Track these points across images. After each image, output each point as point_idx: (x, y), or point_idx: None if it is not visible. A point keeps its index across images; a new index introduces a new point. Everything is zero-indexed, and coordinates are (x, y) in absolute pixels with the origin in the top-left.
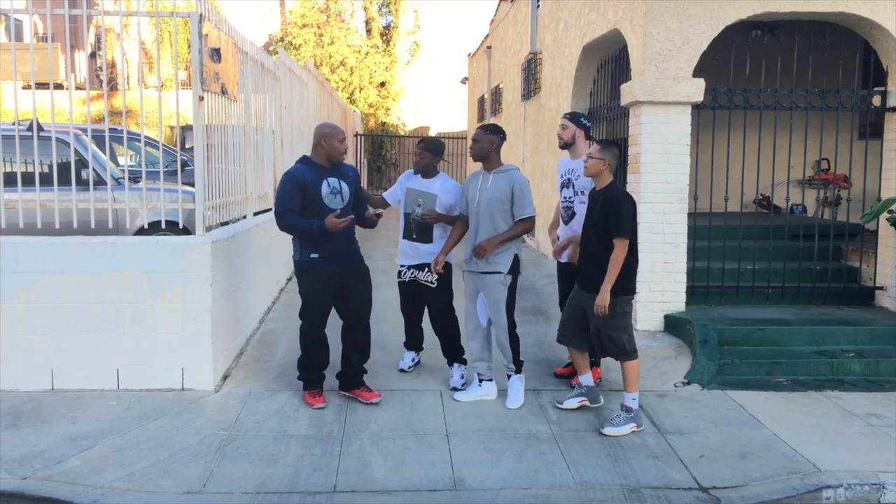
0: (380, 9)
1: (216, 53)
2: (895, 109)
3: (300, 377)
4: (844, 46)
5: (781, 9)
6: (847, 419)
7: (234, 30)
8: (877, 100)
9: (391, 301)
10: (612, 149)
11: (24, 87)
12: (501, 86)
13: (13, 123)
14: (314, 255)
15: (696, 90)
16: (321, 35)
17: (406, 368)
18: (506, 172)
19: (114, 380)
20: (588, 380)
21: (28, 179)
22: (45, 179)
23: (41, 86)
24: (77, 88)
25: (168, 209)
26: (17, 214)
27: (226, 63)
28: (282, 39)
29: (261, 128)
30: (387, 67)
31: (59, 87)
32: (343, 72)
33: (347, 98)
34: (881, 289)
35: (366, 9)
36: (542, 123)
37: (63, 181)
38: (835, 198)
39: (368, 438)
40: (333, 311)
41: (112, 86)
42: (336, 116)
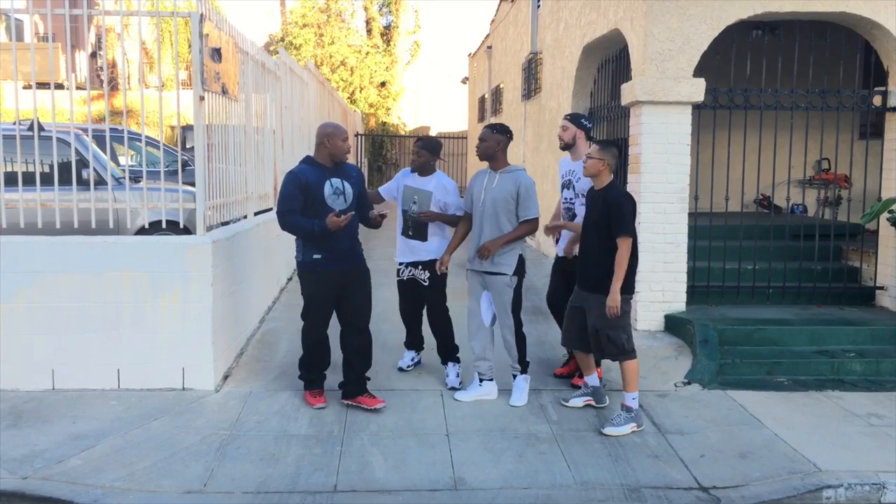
0: (380, 9)
1: (217, 53)
2: (895, 109)
3: (301, 376)
4: (845, 46)
5: (782, 9)
6: (848, 419)
7: (235, 29)
8: (877, 100)
9: (391, 301)
10: (611, 149)
11: (25, 87)
12: (502, 86)
13: (14, 123)
14: (317, 256)
15: (697, 90)
16: (322, 35)
17: (405, 367)
18: (512, 173)
19: (114, 379)
20: (594, 380)
21: (29, 179)
22: (46, 179)
23: (42, 85)
24: (78, 88)
25: (169, 209)
26: (18, 214)
27: (226, 63)
28: (282, 39)
29: (261, 128)
30: (387, 67)
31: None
32: (343, 72)
33: (348, 98)
34: (882, 289)
35: (366, 9)
36: (543, 123)
37: (64, 181)
38: (835, 198)
39: (369, 438)
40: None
41: (113, 86)
42: (336, 116)
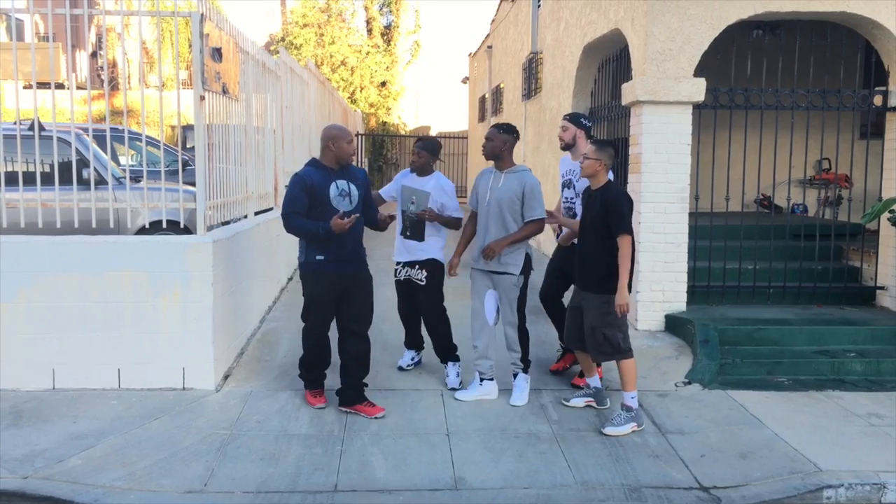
0: (381, 8)
1: (217, 53)
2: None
3: (301, 375)
4: (845, 46)
5: (782, 8)
6: (848, 419)
7: (236, 29)
8: (878, 99)
9: (392, 300)
10: (608, 149)
11: (26, 87)
12: (502, 85)
13: (14, 123)
14: (320, 257)
15: (698, 90)
16: (322, 35)
17: (405, 366)
18: (518, 173)
19: (115, 379)
20: (596, 381)
21: (29, 179)
22: (47, 179)
23: (42, 85)
24: (78, 88)
25: (169, 209)
26: (19, 214)
27: (227, 62)
28: (283, 39)
29: (262, 127)
30: (388, 67)
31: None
32: (344, 71)
33: (348, 98)
34: (882, 288)
35: (367, 8)
36: (543, 123)
37: (64, 181)
38: (836, 197)
39: (369, 438)
40: None
41: (113, 85)
42: (337, 116)
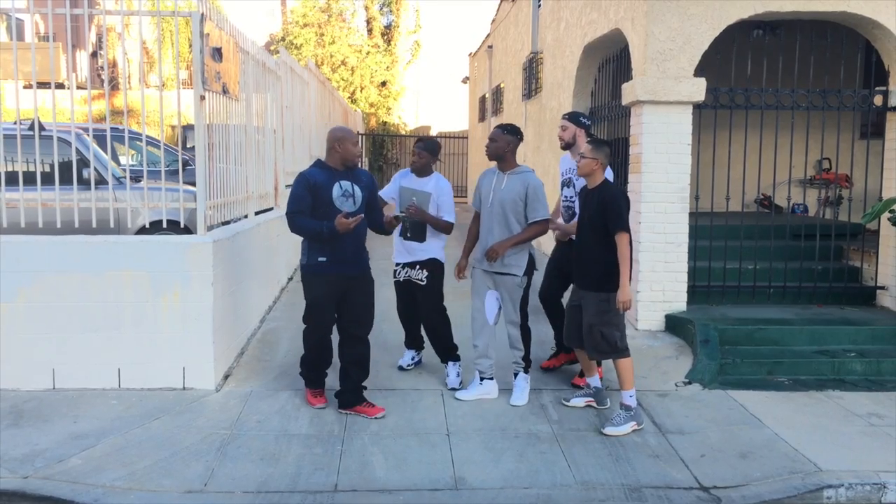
0: (381, 8)
1: (217, 53)
2: None
3: (302, 374)
4: (846, 46)
5: (783, 8)
6: (848, 419)
7: (236, 29)
8: (878, 99)
9: (392, 300)
10: (604, 148)
11: (26, 87)
12: (502, 85)
13: (15, 123)
14: (322, 259)
15: (698, 90)
16: (322, 34)
17: (405, 366)
18: (521, 174)
19: (115, 379)
20: (596, 381)
21: (30, 179)
22: (47, 179)
23: (42, 85)
24: (78, 88)
25: (169, 208)
26: (19, 214)
27: (227, 62)
28: (283, 39)
29: (262, 127)
30: (388, 67)
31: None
32: (344, 71)
33: (348, 97)
34: (882, 288)
35: (367, 8)
36: (544, 123)
37: (64, 180)
38: (836, 197)
39: (369, 438)
40: None
41: (113, 85)
42: (337, 116)
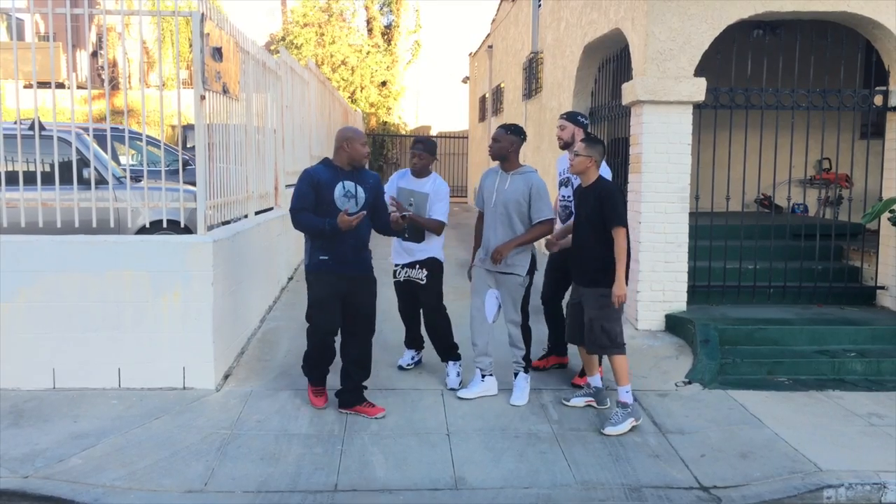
0: (381, 8)
1: (218, 52)
2: None
3: (304, 370)
4: (846, 46)
5: (783, 8)
6: (848, 419)
7: (236, 29)
8: (878, 99)
9: (392, 300)
10: (598, 146)
11: (26, 86)
12: (503, 85)
13: (15, 122)
14: (323, 258)
15: (698, 89)
16: (322, 34)
17: (405, 366)
18: (524, 174)
19: (115, 379)
20: (597, 381)
21: (30, 178)
22: (47, 178)
23: (43, 85)
24: (79, 87)
25: (169, 208)
26: (19, 213)
27: (227, 62)
28: (283, 39)
29: (262, 127)
30: (388, 67)
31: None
32: (344, 71)
33: (349, 97)
34: (882, 288)
35: (367, 8)
36: (544, 123)
37: (65, 180)
38: (836, 197)
39: (369, 437)
40: None
41: (114, 85)
42: (337, 116)
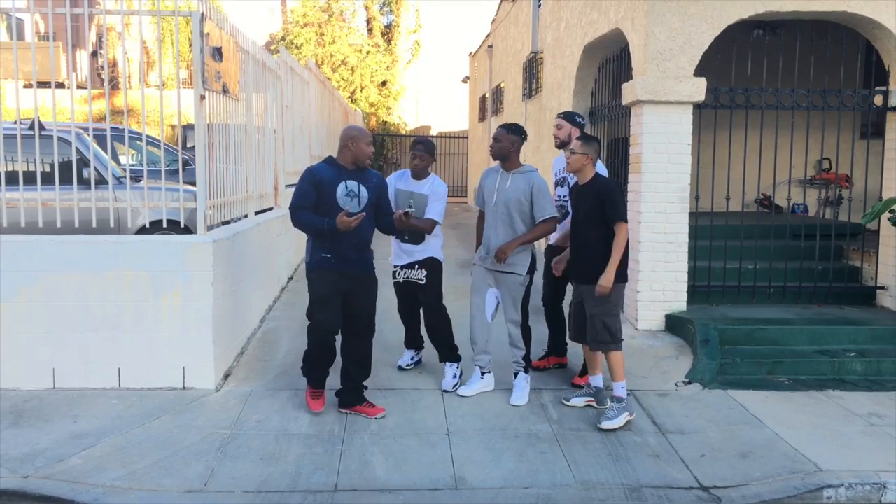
0: (381, 8)
1: (218, 52)
2: None
3: (304, 371)
4: (846, 46)
5: (783, 8)
6: (848, 419)
7: (236, 29)
8: (878, 99)
9: (392, 300)
10: (594, 143)
11: (26, 86)
12: (503, 85)
13: (15, 122)
14: (325, 255)
15: (698, 89)
16: (322, 34)
17: (405, 366)
18: (525, 174)
19: (115, 378)
20: (598, 381)
21: (30, 178)
22: (47, 178)
23: (43, 84)
24: (78, 87)
25: (169, 208)
26: (19, 213)
27: (227, 62)
28: (283, 38)
29: (262, 127)
30: (388, 67)
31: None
32: (344, 71)
33: (348, 97)
34: (882, 288)
35: (367, 8)
36: (544, 123)
37: (65, 180)
38: (836, 197)
39: (369, 437)
40: None
41: (113, 85)
42: (337, 116)
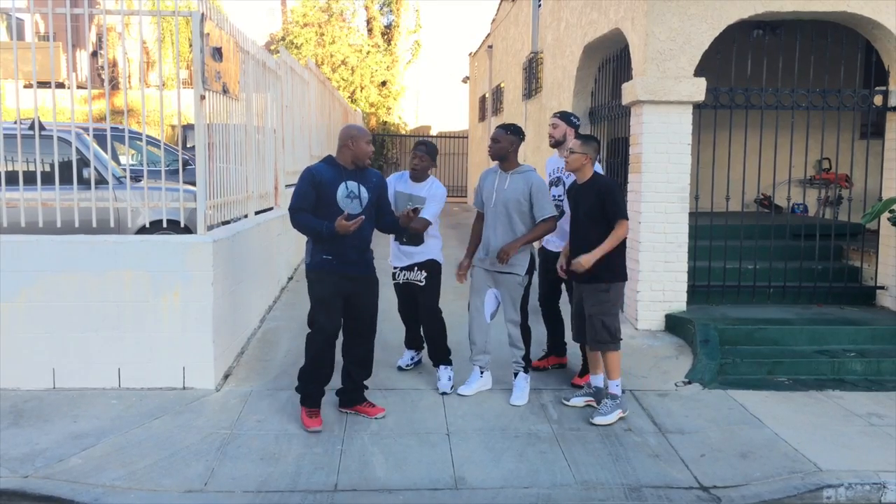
0: (381, 8)
1: (218, 52)
2: None
3: (299, 389)
4: (846, 46)
5: (783, 8)
6: (848, 419)
7: (236, 29)
8: (878, 99)
9: (392, 300)
10: (593, 143)
11: (26, 86)
12: (503, 85)
13: (15, 122)
14: (326, 257)
15: (698, 89)
16: (322, 34)
17: (404, 366)
18: (523, 173)
19: (115, 378)
20: (598, 381)
21: (30, 178)
22: (47, 178)
23: (43, 85)
24: (78, 87)
25: (169, 208)
26: (19, 213)
27: (227, 62)
28: (283, 38)
29: (262, 127)
30: (388, 67)
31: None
32: (344, 71)
33: (348, 97)
34: (882, 288)
35: (367, 8)
36: (544, 123)
37: (65, 180)
38: (836, 197)
39: (369, 437)
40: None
41: (114, 85)
42: (337, 116)
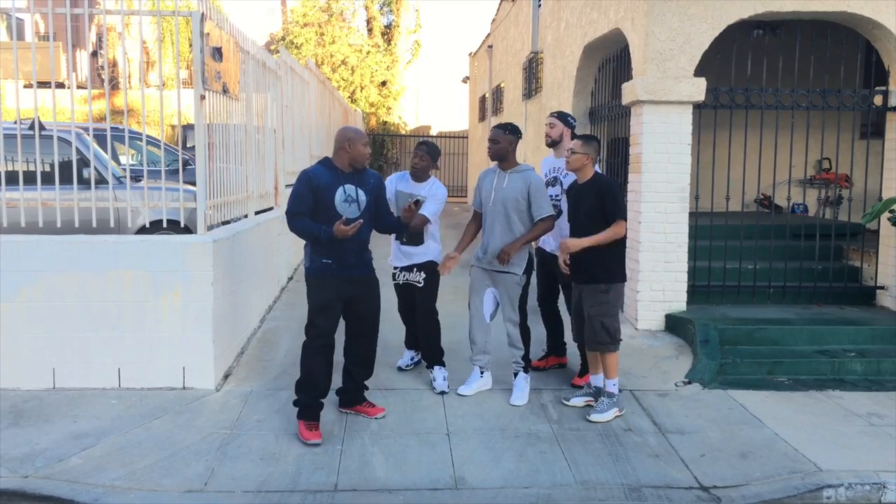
0: (381, 8)
1: (218, 52)
2: None
3: (296, 402)
4: (846, 46)
5: (783, 8)
6: (848, 419)
7: (236, 29)
8: (878, 99)
9: (392, 300)
10: (594, 143)
11: (26, 86)
12: (503, 85)
13: (15, 122)
14: (326, 261)
15: (698, 89)
16: (322, 34)
17: (404, 366)
18: (522, 173)
19: (115, 378)
20: (598, 381)
21: (30, 178)
22: (47, 178)
23: (43, 84)
24: (78, 87)
25: (169, 208)
26: (19, 213)
27: (227, 62)
28: (283, 38)
29: (262, 127)
30: (388, 67)
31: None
32: (344, 71)
33: (348, 97)
34: (882, 288)
35: (367, 8)
36: (543, 123)
37: (65, 180)
38: (836, 197)
39: (369, 437)
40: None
41: (114, 85)
42: (337, 116)
